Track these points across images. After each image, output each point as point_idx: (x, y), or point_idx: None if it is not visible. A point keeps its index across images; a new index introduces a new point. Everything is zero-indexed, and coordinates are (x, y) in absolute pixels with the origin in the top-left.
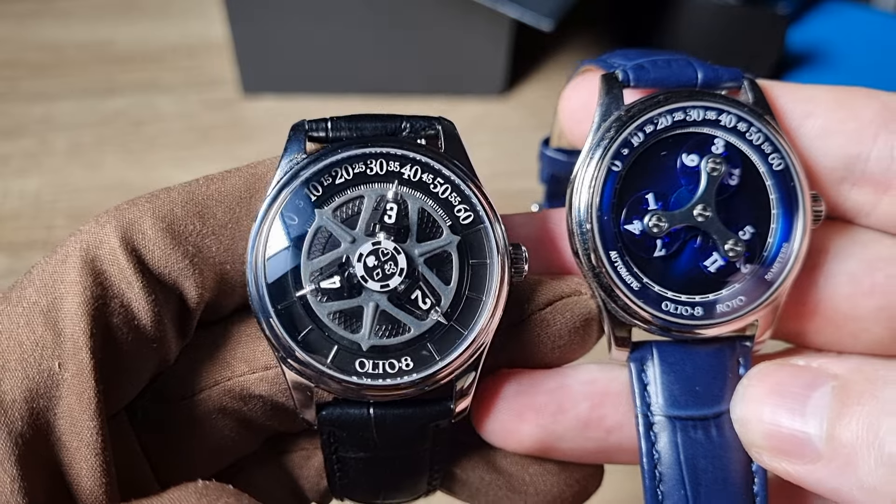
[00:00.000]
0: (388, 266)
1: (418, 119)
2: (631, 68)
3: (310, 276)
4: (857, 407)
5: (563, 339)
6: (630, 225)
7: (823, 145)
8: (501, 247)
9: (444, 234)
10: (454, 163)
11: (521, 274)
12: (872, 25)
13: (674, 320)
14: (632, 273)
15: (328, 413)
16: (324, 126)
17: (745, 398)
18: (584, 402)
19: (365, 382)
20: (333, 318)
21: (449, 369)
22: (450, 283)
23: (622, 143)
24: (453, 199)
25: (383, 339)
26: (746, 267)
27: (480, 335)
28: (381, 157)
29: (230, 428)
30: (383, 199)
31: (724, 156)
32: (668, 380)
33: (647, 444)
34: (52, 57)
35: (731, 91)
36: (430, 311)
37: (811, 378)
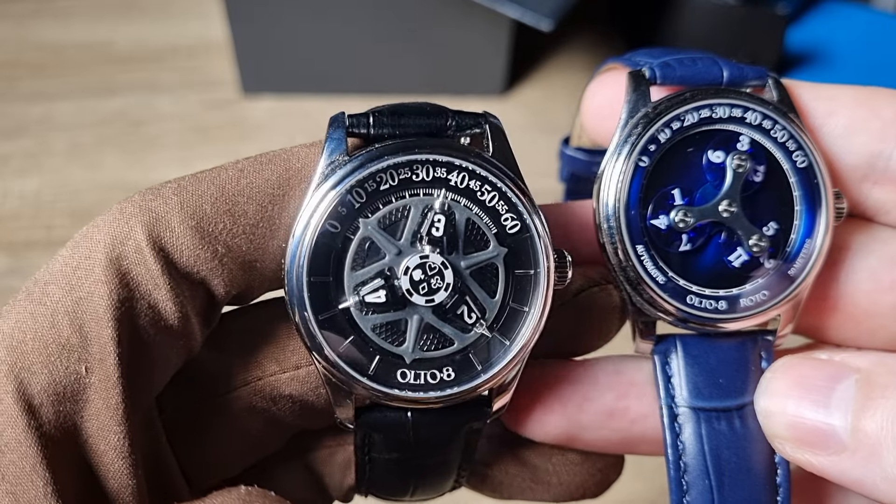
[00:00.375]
0: (435, 280)
1: (464, 116)
2: (657, 66)
3: (353, 288)
4: (882, 399)
5: (586, 329)
6: (656, 220)
7: (846, 143)
8: (548, 256)
9: (492, 246)
10: (501, 168)
11: (564, 281)
12: (872, 25)
13: (698, 314)
14: (657, 267)
15: (366, 416)
16: (365, 122)
17: (769, 391)
18: (610, 393)
19: (407, 395)
20: (377, 331)
21: (492, 382)
22: (495, 296)
23: (649, 139)
24: (500, 207)
25: (427, 353)
26: (770, 262)
27: (524, 348)
28: (428, 164)
29: (258, 427)
30: (429, 208)
31: (750, 153)
32: (691, 372)
33: (671, 435)
34: (51, 57)
35: (755, 89)
36: (476, 324)
37: (834, 371)
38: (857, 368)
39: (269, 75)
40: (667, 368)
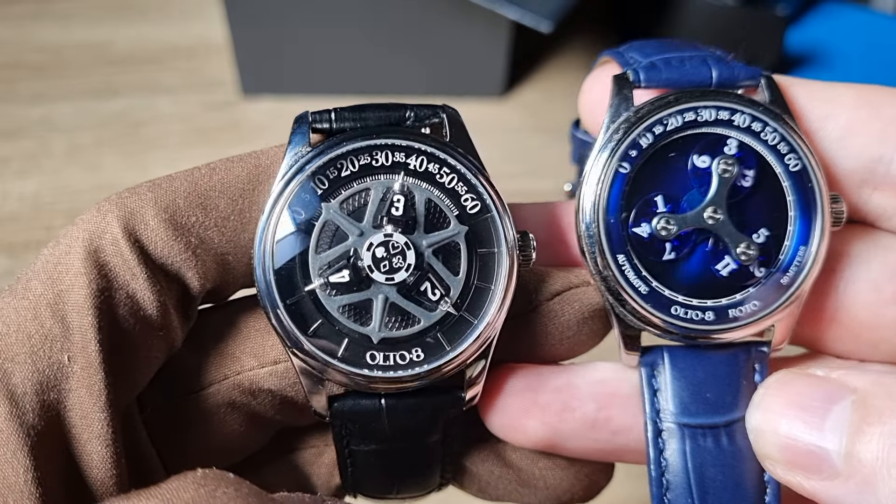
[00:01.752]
0: (397, 259)
1: (422, 108)
2: (643, 68)
3: (318, 271)
4: (878, 425)
5: (570, 331)
6: (638, 227)
7: (844, 146)
8: (509, 235)
9: (452, 225)
10: (459, 152)
11: (529, 262)
12: (871, 27)
13: (684, 325)
14: (640, 277)
15: (340, 405)
16: (327, 117)
17: (762, 408)
18: (591, 403)
19: (376, 375)
20: (343, 312)
21: (460, 359)
22: (459, 274)
23: (630, 144)
24: (460, 188)
25: (394, 331)
26: (761, 271)
27: (490, 325)
28: (387, 149)
29: (239, 422)
30: (390, 190)
31: (738, 157)
32: (678, 386)
33: (654, 452)
34: (51, 58)
35: (748, 90)
36: (440, 301)
37: (831, 390)
38: (854, 389)
39: (268, 77)
40: (653, 381)
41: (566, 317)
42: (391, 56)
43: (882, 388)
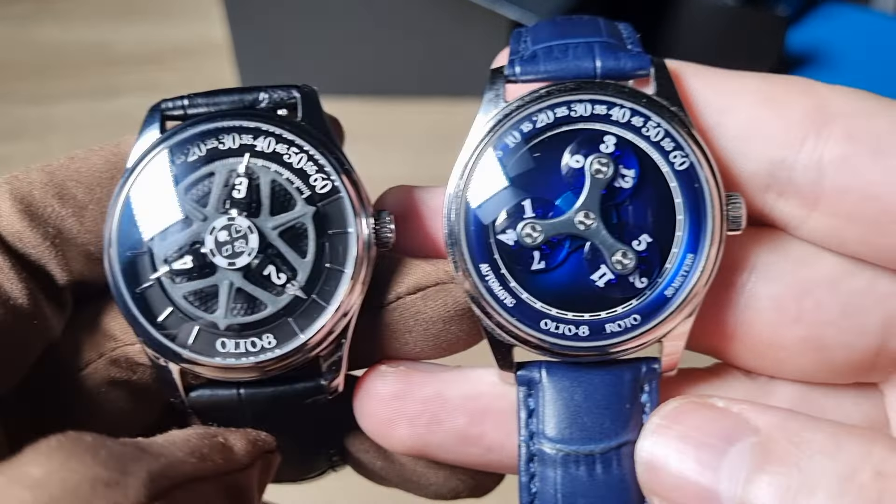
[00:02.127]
0: (240, 243)
1: (276, 89)
2: (522, 60)
3: (164, 258)
4: (778, 476)
5: (435, 328)
6: (504, 235)
7: (743, 147)
8: (361, 216)
9: (299, 206)
10: (311, 132)
11: (387, 244)
12: (872, 27)
13: (554, 341)
14: (507, 288)
15: (197, 395)
16: (180, 104)
17: (654, 440)
18: (462, 417)
19: (227, 363)
20: (189, 299)
21: (312, 343)
22: (306, 256)
23: (497, 144)
24: (309, 168)
25: (240, 317)
26: (643, 281)
27: (342, 307)
28: (234, 131)
29: (124, 399)
30: (233, 173)
31: (615, 155)
32: (554, 409)
33: (525, 477)
34: (51, 59)
35: (638, 80)
36: (287, 285)
37: (730, 428)
38: (756, 429)
39: (268, 76)
40: (529, 401)
41: (429, 314)
42: (391, 56)
43: (785, 434)
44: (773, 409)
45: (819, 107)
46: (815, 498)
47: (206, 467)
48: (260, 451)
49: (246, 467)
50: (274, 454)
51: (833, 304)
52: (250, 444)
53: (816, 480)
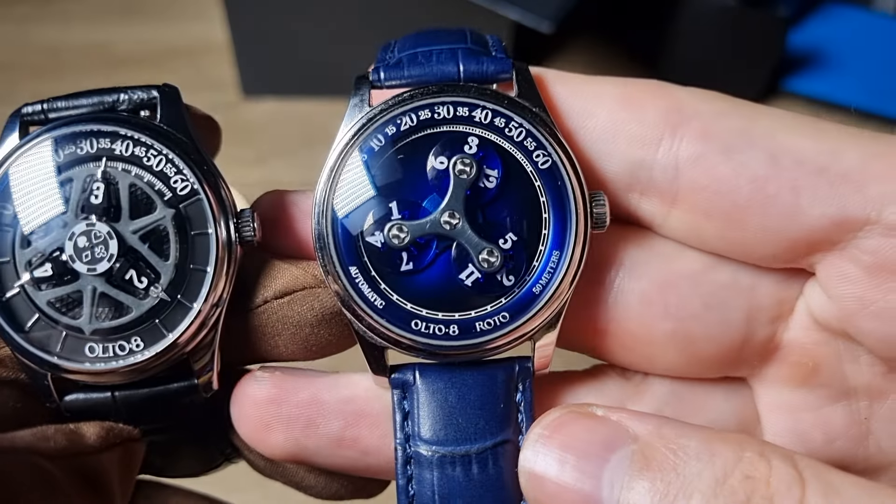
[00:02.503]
0: (99, 249)
1: (136, 90)
2: (386, 67)
3: (25, 266)
4: (657, 482)
5: (303, 332)
6: (372, 237)
7: (606, 148)
8: (218, 215)
9: (158, 209)
10: (168, 134)
11: (250, 241)
12: (873, 27)
13: (426, 341)
14: (376, 290)
15: (72, 399)
16: (40, 109)
17: (535, 449)
18: (337, 421)
19: (97, 368)
20: (54, 306)
21: (180, 343)
22: (168, 259)
23: (361, 148)
24: (169, 170)
25: (106, 322)
26: (510, 279)
27: (206, 306)
28: (91, 136)
29: (14, 398)
30: (91, 178)
31: (479, 156)
32: (428, 410)
33: (403, 480)
34: (51, 59)
35: (502, 84)
36: (150, 288)
37: (610, 436)
38: (635, 437)
39: (269, 77)
40: (404, 404)
41: (296, 318)
42: None
43: (661, 440)
44: (649, 416)
45: (674, 108)
46: (692, 500)
47: (46, 445)
48: (115, 438)
49: (98, 451)
50: (137, 443)
51: (696, 298)
52: (103, 431)
53: (693, 484)
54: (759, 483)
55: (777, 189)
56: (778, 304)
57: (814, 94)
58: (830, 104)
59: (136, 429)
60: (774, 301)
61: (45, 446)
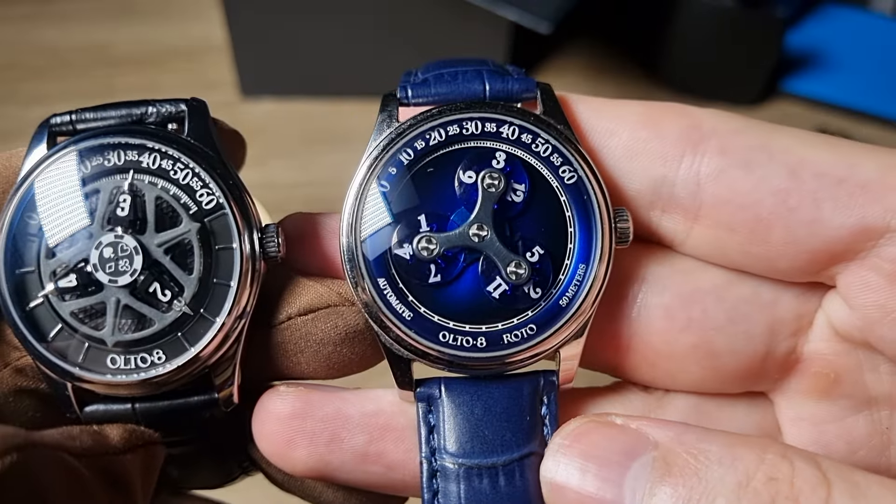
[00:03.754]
0: (124, 261)
1: (164, 103)
2: (412, 84)
3: (49, 276)
4: (677, 486)
5: (326, 350)
6: (401, 249)
7: (628, 166)
8: (245, 232)
9: (184, 223)
10: (196, 148)
11: (274, 257)
12: (870, 28)
13: (453, 353)
14: (404, 302)
15: (92, 410)
16: (68, 120)
17: (557, 458)
18: (361, 435)
19: (118, 380)
20: (77, 317)
21: (202, 357)
22: (192, 272)
23: (390, 161)
24: (195, 184)
25: (129, 334)
26: (537, 292)
27: (229, 321)
28: (119, 148)
29: (33, 407)
30: (118, 190)
31: (506, 170)
32: (455, 423)
33: (429, 494)
34: (50, 60)
35: (526, 103)
36: (173, 302)
37: (630, 444)
38: (656, 444)
39: (268, 78)
40: (430, 417)
41: (319, 336)
42: (390, 57)
43: (682, 447)
44: (669, 423)
45: (694, 126)
46: None
47: (73, 444)
48: (137, 440)
49: (121, 452)
50: (158, 447)
51: (719, 312)
52: (126, 433)
53: (715, 488)
54: (783, 484)
55: (799, 201)
56: (798, 318)
57: (811, 95)
58: (828, 105)
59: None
60: (795, 315)
61: (71, 445)
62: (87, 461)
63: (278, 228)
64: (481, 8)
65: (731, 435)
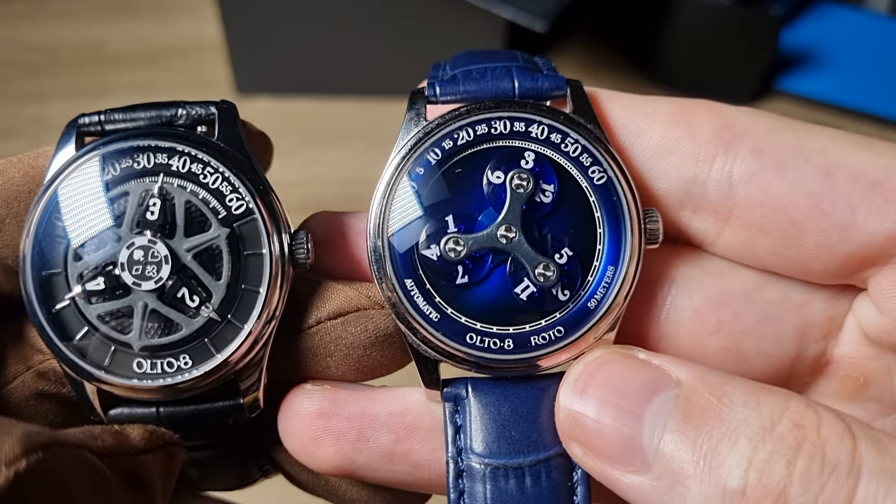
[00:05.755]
0: (152, 266)
1: (194, 105)
2: (441, 82)
3: (77, 278)
4: (703, 426)
5: (356, 354)
6: (428, 250)
7: (658, 166)
8: (274, 237)
9: (213, 228)
10: (225, 152)
11: (303, 263)
12: (865, 27)
13: (481, 354)
14: (431, 303)
15: (116, 413)
16: (97, 120)
17: (576, 386)
18: (388, 434)
19: (144, 384)
20: (104, 320)
21: (229, 363)
22: (221, 278)
23: (417, 161)
24: (225, 189)
25: (155, 339)
26: (565, 294)
27: (257, 327)
28: (149, 150)
29: (54, 412)
30: (148, 193)
31: (535, 171)
32: (481, 424)
33: (455, 494)
34: (45, 57)
35: (556, 101)
36: (201, 307)
37: (652, 379)
38: (678, 382)
39: (263, 76)
40: (456, 417)
41: (349, 339)
42: (385, 56)
43: (706, 386)
44: (691, 363)
45: (727, 126)
46: (737, 445)
47: (95, 443)
48: (158, 440)
49: (142, 452)
50: (178, 448)
51: (750, 315)
52: (146, 433)
53: (739, 429)
54: (810, 431)
55: (833, 205)
56: (828, 321)
57: (807, 94)
58: (823, 103)
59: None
60: (825, 317)
61: (94, 444)
62: (109, 461)
63: (308, 234)
64: (477, 6)
65: (755, 382)
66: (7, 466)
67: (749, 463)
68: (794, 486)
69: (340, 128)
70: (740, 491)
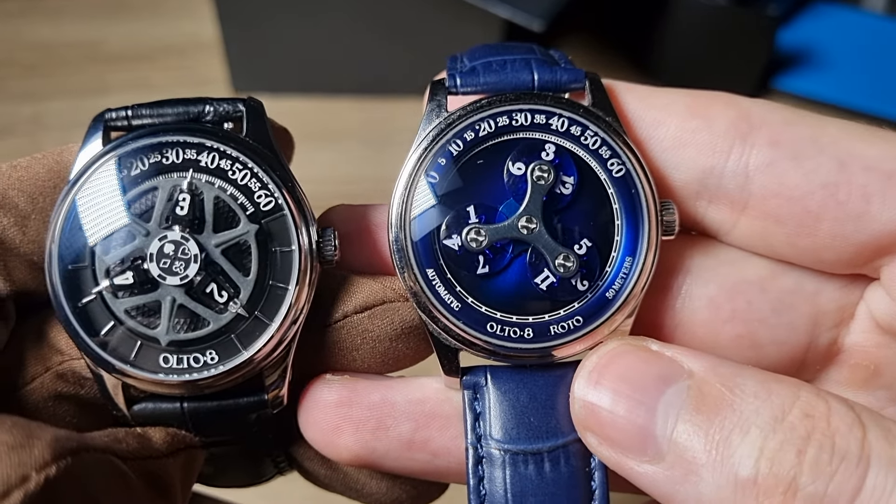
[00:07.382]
0: (181, 261)
1: (222, 102)
2: (460, 73)
3: (105, 272)
4: (715, 416)
5: (382, 346)
6: (450, 240)
7: (675, 157)
8: (303, 233)
9: (242, 224)
10: (254, 147)
11: (330, 261)
12: (862, 27)
13: (501, 343)
14: (452, 292)
15: (140, 408)
16: (124, 115)
17: (591, 378)
18: (407, 423)
19: (170, 379)
20: (131, 314)
21: (255, 360)
22: (249, 274)
23: (439, 152)
24: (253, 185)
25: (182, 334)
26: (584, 284)
27: (284, 324)
28: (178, 146)
29: (71, 413)
30: (177, 189)
31: (556, 162)
32: (500, 410)
33: (474, 480)
34: (42, 56)
35: (574, 94)
36: (229, 303)
37: (665, 370)
38: (690, 373)
39: (260, 75)
40: (475, 405)
41: (376, 332)
42: (382, 55)
43: (718, 377)
44: (703, 354)
45: (742, 117)
46: (748, 435)
47: (120, 447)
48: (180, 443)
49: (164, 456)
50: (198, 451)
51: (764, 303)
52: (168, 436)
53: (750, 419)
54: (820, 421)
55: (848, 195)
56: (840, 309)
57: (803, 93)
58: (820, 102)
59: (198, 437)
60: (837, 306)
61: (118, 447)
62: (132, 464)
63: (335, 232)
64: (474, 5)
65: (766, 372)
66: (37, 472)
67: (760, 452)
68: (804, 475)
69: (337, 127)
70: (752, 480)
